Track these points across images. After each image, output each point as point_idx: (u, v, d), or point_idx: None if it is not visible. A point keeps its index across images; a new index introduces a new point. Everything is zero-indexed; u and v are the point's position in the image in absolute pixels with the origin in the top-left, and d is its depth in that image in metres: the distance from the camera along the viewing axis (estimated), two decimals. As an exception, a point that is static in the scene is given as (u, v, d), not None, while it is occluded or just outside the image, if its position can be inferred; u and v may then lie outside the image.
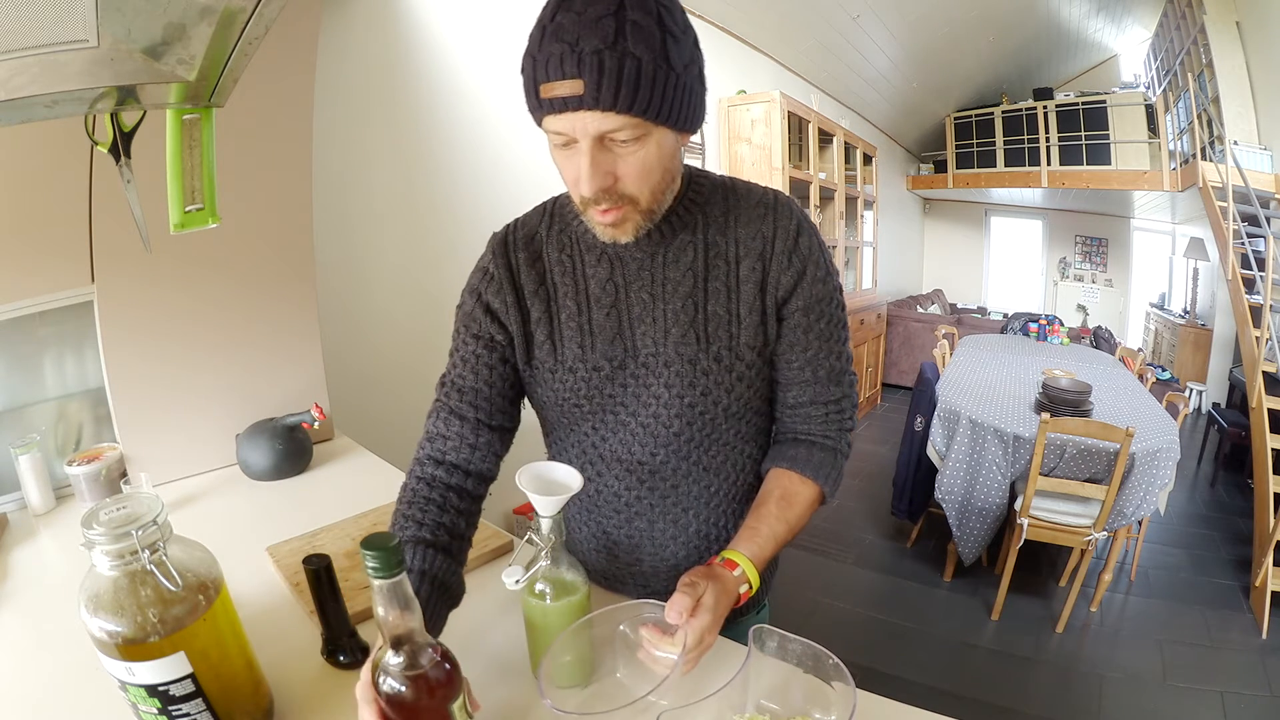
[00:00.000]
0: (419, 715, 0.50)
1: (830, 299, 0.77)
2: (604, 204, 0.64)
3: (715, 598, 0.64)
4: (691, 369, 0.74)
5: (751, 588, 0.69)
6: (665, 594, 0.88)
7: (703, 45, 0.67)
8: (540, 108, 0.61)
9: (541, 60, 0.58)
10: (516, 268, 0.77)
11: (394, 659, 0.50)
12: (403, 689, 0.50)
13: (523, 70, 0.62)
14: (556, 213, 0.79)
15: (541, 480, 0.70)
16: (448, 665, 0.52)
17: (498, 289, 0.76)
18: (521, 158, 2.40)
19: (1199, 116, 4.92)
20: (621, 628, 0.70)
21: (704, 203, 0.75)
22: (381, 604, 0.48)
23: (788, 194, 0.80)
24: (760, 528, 0.73)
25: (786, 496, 0.77)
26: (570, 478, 0.71)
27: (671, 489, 0.81)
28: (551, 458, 0.89)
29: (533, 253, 0.77)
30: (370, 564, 0.47)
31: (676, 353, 0.74)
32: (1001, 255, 8.68)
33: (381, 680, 0.50)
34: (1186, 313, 6.09)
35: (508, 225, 0.81)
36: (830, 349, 0.78)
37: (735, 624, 0.91)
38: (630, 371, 0.76)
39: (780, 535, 0.74)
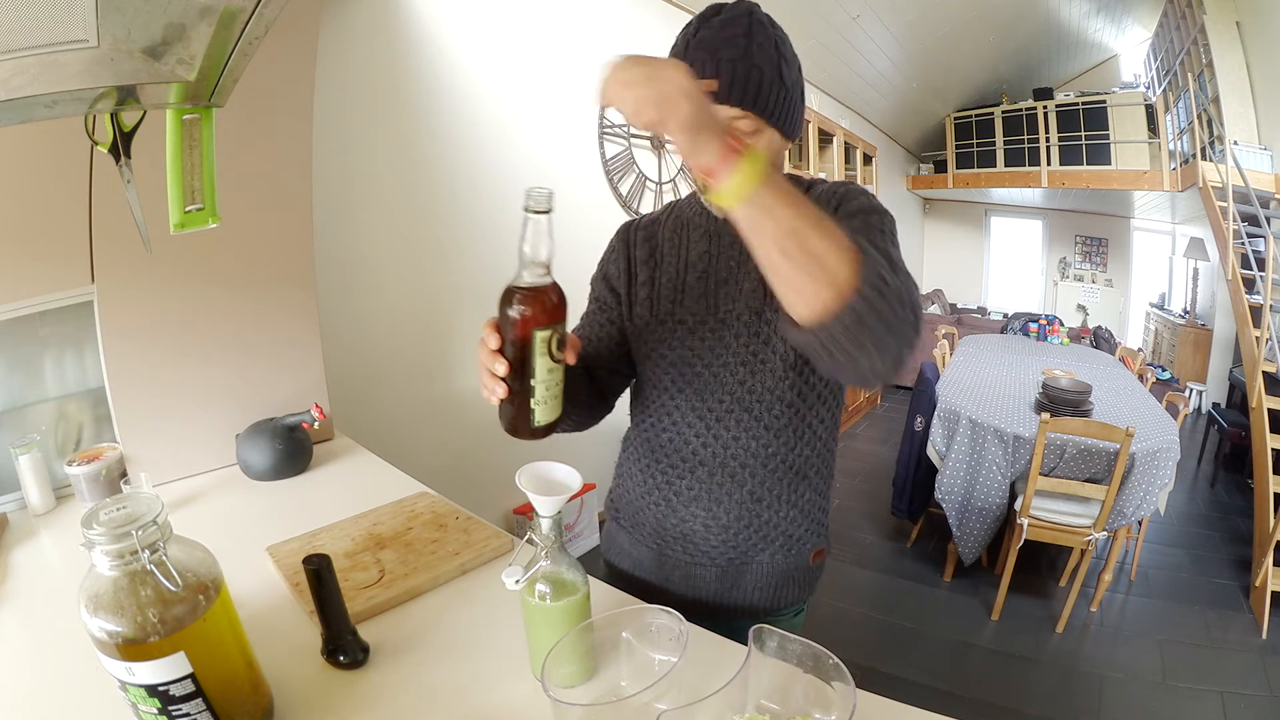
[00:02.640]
0: (516, 325, 0.64)
1: (876, 211, 0.78)
2: None
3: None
4: (757, 319, 0.85)
5: (746, 154, 0.56)
6: (709, 556, 0.93)
7: None
8: None
9: (687, 63, 0.67)
10: (634, 243, 0.95)
11: (527, 274, 0.64)
12: (515, 300, 0.63)
13: None
14: (675, 206, 0.97)
15: (541, 480, 0.70)
16: (556, 298, 0.65)
17: (615, 259, 0.96)
18: (525, 156, 2.40)
19: (1199, 116, 4.92)
20: (625, 634, 0.70)
21: None
22: (532, 235, 0.62)
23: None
24: None
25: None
26: (570, 478, 0.71)
27: (733, 440, 0.88)
28: (635, 410, 0.99)
29: (650, 233, 0.95)
30: (530, 201, 0.61)
31: (746, 305, 0.86)
32: (1001, 255, 8.67)
33: (504, 297, 0.64)
34: (1186, 313, 6.08)
35: (636, 217, 1.00)
36: (874, 240, 0.71)
37: (774, 624, 0.94)
38: (709, 327, 0.87)
39: (801, 201, 0.58)
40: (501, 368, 0.64)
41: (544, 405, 0.68)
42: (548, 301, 0.64)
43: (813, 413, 0.90)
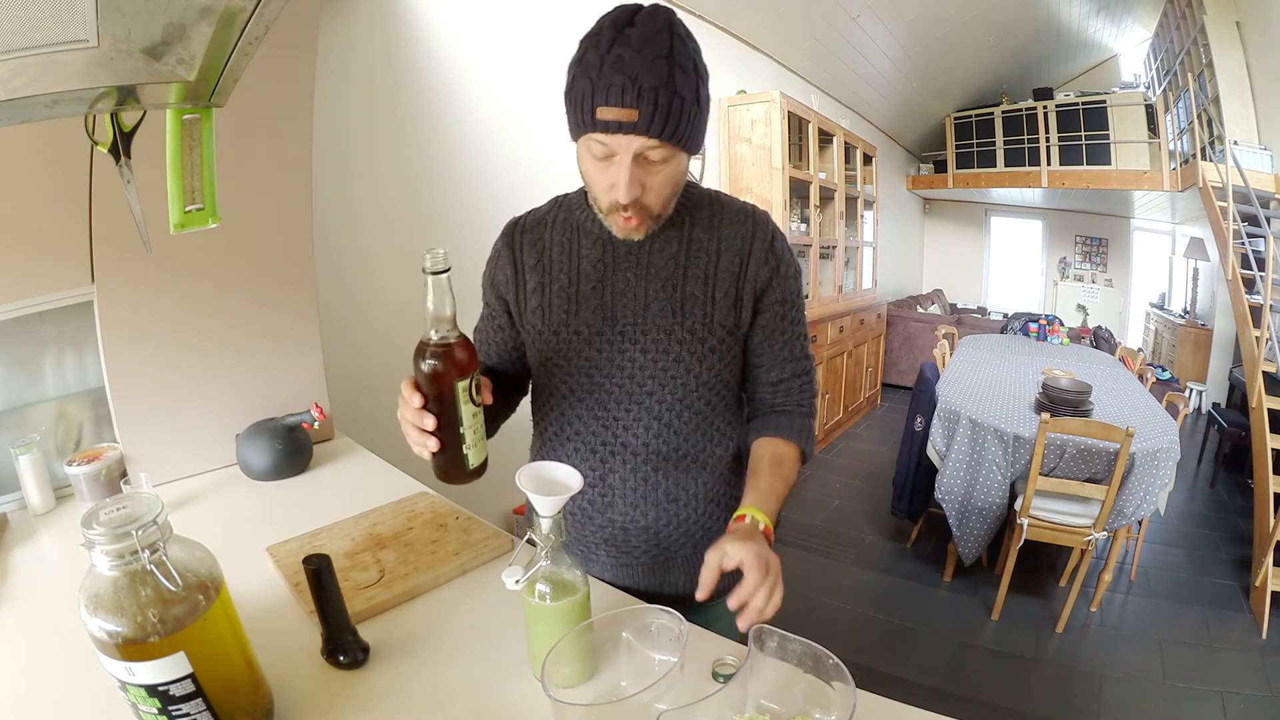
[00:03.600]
0: (436, 380, 0.67)
1: (798, 293, 0.92)
2: (629, 211, 0.77)
3: (741, 541, 0.71)
4: (667, 338, 0.85)
5: (767, 525, 0.78)
6: (635, 555, 0.94)
7: (703, 45, 0.77)
8: (591, 125, 0.72)
9: (601, 87, 0.69)
10: (520, 246, 0.91)
11: (434, 334, 0.68)
12: (430, 356, 0.67)
13: (574, 89, 0.72)
14: (564, 205, 0.93)
15: (541, 480, 0.70)
16: (467, 349, 0.69)
17: (502, 264, 0.92)
18: (526, 155, 2.40)
19: (1199, 116, 4.92)
20: (625, 635, 0.70)
21: (692, 207, 0.88)
22: (435, 294, 0.66)
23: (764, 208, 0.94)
24: (759, 484, 0.84)
25: (777, 458, 0.88)
26: (570, 478, 0.71)
27: (643, 446, 0.88)
28: (536, 415, 0.98)
29: (537, 236, 0.91)
30: (429, 262, 0.65)
31: (654, 324, 0.85)
32: (1001, 255, 8.68)
33: (418, 355, 0.68)
34: (1186, 313, 6.09)
35: (521, 214, 0.95)
36: (800, 332, 0.93)
37: (711, 609, 0.96)
38: (606, 338, 0.86)
39: (779, 490, 0.84)
40: (430, 422, 0.68)
41: (475, 448, 0.72)
42: (462, 353, 0.69)
43: (720, 418, 0.92)
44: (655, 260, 0.86)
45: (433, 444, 0.69)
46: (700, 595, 0.70)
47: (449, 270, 0.67)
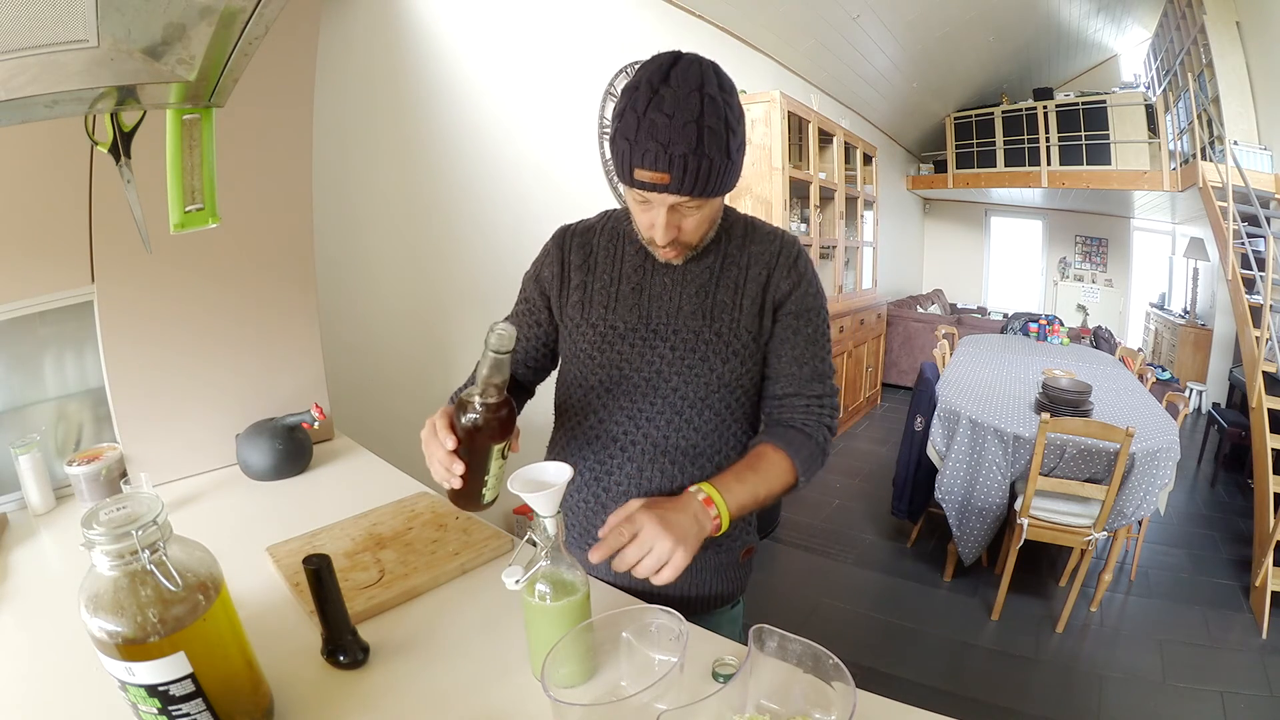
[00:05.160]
0: (473, 436, 0.72)
1: (817, 312, 0.96)
2: (667, 246, 0.86)
3: (652, 509, 0.77)
4: (695, 338, 0.92)
5: (710, 495, 0.82)
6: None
7: (704, 46, 0.76)
8: (630, 182, 0.80)
9: (639, 151, 0.76)
10: (569, 248, 0.99)
11: (481, 397, 0.72)
12: (475, 416, 0.72)
13: (616, 145, 0.80)
14: (612, 216, 1.02)
15: (533, 483, 0.71)
16: (509, 413, 0.74)
17: (550, 262, 1.00)
18: (525, 156, 2.40)
19: (1199, 116, 4.92)
20: (625, 635, 0.70)
21: (728, 228, 0.96)
22: (490, 366, 0.70)
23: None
24: (729, 471, 0.89)
25: (759, 455, 0.91)
26: (560, 474, 0.71)
27: (663, 438, 0.93)
28: (560, 407, 1.02)
29: (585, 240, 0.99)
30: (494, 341, 0.69)
31: (685, 324, 0.93)
32: (1001, 255, 8.68)
33: (462, 408, 0.72)
34: (1186, 313, 6.09)
35: (571, 223, 1.04)
36: (815, 353, 0.96)
37: (710, 617, 1.00)
38: (640, 335, 0.93)
39: (747, 477, 0.87)
40: (459, 468, 0.73)
41: (492, 489, 0.78)
42: (504, 419, 0.73)
43: (736, 422, 0.97)
44: (692, 270, 0.93)
45: (456, 483, 0.75)
46: (592, 555, 0.74)
47: (513, 351, 0.71)
